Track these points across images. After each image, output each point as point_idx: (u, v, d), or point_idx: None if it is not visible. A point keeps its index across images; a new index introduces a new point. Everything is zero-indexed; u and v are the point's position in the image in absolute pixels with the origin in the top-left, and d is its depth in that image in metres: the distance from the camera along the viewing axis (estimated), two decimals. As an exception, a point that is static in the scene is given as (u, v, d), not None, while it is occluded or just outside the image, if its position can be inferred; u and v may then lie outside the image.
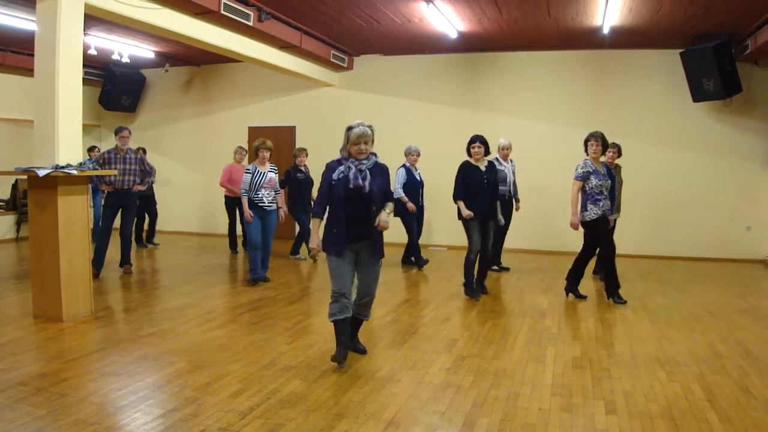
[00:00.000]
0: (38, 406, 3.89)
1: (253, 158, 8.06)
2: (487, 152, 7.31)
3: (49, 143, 6.02)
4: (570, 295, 7.41)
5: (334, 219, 4.84)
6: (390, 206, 4.92)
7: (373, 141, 4.84)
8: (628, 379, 4.58)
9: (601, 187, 6.94)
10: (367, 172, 4.78)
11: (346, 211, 4.79)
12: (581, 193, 7.05)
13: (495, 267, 9.17)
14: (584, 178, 7.00)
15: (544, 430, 3.67)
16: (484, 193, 7.20)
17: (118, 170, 8.23)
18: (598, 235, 7.12)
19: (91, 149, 11.26)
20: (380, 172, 4.88)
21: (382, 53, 12.02)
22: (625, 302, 7.08)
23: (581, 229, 7.18)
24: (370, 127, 4.80)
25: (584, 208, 7.03)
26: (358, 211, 4.77)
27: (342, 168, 4.81)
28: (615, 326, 6.18)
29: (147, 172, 8.69)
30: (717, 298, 7.60)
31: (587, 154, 7.14)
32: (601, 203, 6.96)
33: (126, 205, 8.51)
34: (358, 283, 5.00)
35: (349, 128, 4.79)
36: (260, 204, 7.78)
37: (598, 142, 7.00)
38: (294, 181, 9.64)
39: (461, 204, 7.25)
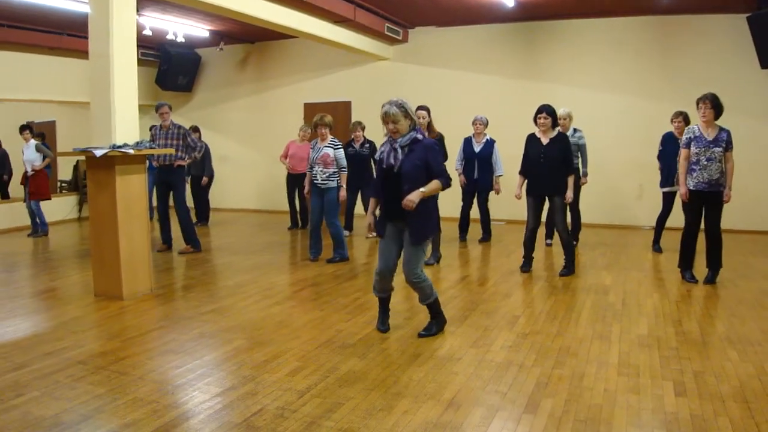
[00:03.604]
0: (97, 385, 3.93)
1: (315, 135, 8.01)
2: (555, 124, 6.97)
3: (105, 124, 6.08)
4: (687, 280, 6.77)
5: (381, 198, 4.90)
6: (431, 185, 4.64)
7: (407, 116, 4.63)
8: (697, 359, 4.37)
9: (698, 156, 6.37)
10: (400, 150, 4.65)
11: (385, 190, 4.79)
12: (687, 162, 6.53)
13: (548, 241, 9.06)
14: (686, 145, 6.50)
15: (611, 412, 3.51)
16: (539, 168, 6.92)
17: (159, 145, 8.22)
18: (685, 208, 6.77)
19: (152, 128, 11.40)
20: (419, 148, 4.67)
21: (438, 25, 11.79)
22: (696, 281, 6.68)
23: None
24: (398, 104, 4.60)
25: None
26: (393, 190, 4.68)
27: (383, 147, 4.79)
28: (681, 303, 5.93)
29: (191, 148, 8.56)
30: (789, 272, 7.22)
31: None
32: (694, 174, 6.42)
33: (173, 182, 8.44)
34: None
35: (382, 107, 4.69)
36: (314, 180, 7.76)
37: (707, 104, 6.30)
38: (348, 156, 9.40)
39: (518, 179, 7.17)
